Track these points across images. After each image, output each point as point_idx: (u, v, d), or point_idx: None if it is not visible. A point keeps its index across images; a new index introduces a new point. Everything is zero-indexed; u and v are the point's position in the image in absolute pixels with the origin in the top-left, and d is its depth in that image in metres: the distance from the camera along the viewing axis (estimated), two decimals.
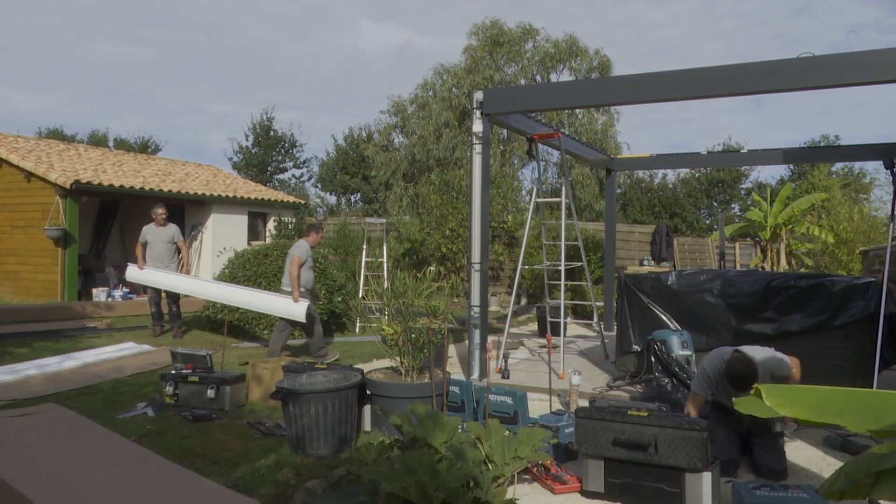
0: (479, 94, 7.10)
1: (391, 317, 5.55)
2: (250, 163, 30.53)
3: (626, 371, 7.02)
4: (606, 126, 24.86)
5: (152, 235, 9.97)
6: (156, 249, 9.92)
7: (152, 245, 9.92)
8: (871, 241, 17.28)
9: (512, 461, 3.84)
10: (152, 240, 9.94)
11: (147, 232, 9.97)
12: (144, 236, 9.94)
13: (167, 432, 5.20)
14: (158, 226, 10.04)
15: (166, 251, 10.05)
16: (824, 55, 5.67)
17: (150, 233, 9.98)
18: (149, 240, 9.90)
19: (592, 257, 13.90)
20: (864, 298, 5.88)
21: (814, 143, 30.00)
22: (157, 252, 9.92)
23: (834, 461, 4.72)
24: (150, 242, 9.90)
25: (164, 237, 10.06)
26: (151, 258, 9.85)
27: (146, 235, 9.95)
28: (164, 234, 10.07)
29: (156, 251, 9.92)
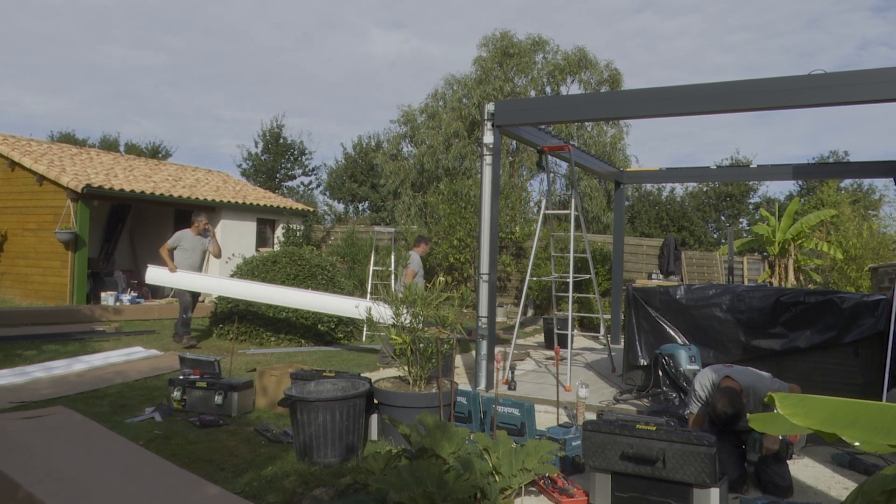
0: (490, 106, 7.14)
1: (399, 326, 5.56)
2: (259, 169, 30.68)
3: (633, 385, 7.01)
4: (615, 139, 24.91)
5: (189, 242, 9.73)
6: (192, 257, 9.67)
7: (189, 252, 9.66)
8: (880, 257, 17.22)
9: (519, 473, 3.84)
10: (189, 247, 9.69)
11: (183, 238, 9.72)
12: (178, 241, 9.66)
13: (175, 437, 5.22)
14: (197, 234, 9.83)
15: (201, 260, 9.87)
16: (835, 73, 5.68)
17: (187, 239, 9.73)
18: (185, 246, 9.65)
19: (600, 270, 13.90)
20: (874, 316, 5.86)
21: (822, 159, 29.95)
22: (192, 260, 9.67)
23: (842, 479, 4.70)
24: (187, 249, 9.65)
25: (201, 246, 9.87)
26: (185, 265, 9.58)
27: (182, 241, 9.68)
28: (201, 242, 9.88)
29: (192, 259, 9.67)
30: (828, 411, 1.59)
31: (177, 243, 9.65)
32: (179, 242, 9.67)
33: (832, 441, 1.66)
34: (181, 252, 9.62)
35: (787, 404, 1.62)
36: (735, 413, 4.30)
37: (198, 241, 9.83)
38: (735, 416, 4.31)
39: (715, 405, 4.41)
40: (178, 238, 9.72)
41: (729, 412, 4.31)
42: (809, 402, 1.63)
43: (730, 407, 4.31)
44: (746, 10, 55.24)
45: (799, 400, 1.65)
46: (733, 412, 4.30)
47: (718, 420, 4.41)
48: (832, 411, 1.60)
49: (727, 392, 4.39)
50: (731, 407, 4.31)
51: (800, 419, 1.57)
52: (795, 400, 1.65)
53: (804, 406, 1.61)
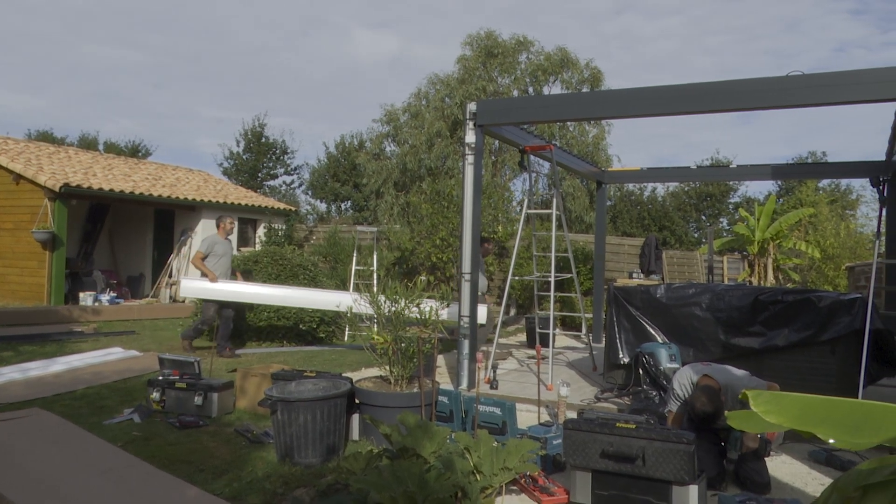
0: (472, 106, 7.14)
1: (381, 326, 5.55)
2: (241, 169, 30.47)
3: (614, 383, 7.05)
4: (598, 139, 25.02)
5: (222, 247, 9.10)
6: (225, 263, 9.08)
7: (222, 258, 9.03)
8: (857, 256, 17.46)
9: (500, 472, 3.85)
10: (222, 252, 9.07)
11: (216, 242, 9.05)
12: (212, 247, 8.98)
13: (153, 439, 5.17)
14: (225, 236, 9.25)
15: (230, 265, 9.31)
16: (814, 74, 5.74)
17: (219, 244, 9.08)
18: (217, 252, 9.00)
19: (582, 269, 13.95)
20: (851, 314, 5.93)
21: (801, 160, 30.29)
22: (225, 266, 9.10)
23: (819, 476, 4.76)
24: (220, 255, 9.01)
25: (230, 250, 9.32)
26: (220, 273, 8.96)
27: (215, 247, 9.00)
28: (230, 246, 9.33)
29: (226, 265, 9.09)
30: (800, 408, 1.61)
31: (210, 249, 8.99)
32: (213, 248, 9.01)
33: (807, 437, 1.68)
34: (214, 258, 8.97)
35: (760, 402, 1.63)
36: (714, 411, 4.35)
37: (227, 245, 9.27)
38: (714, 415, 4.35)
39: (694, 403, 4.45)
40: (210, 243, 9.05)
41: (708, 410, 4.35)
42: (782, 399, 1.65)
43: (708, 405, 4.35)
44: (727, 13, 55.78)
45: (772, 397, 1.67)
46: (712, 410, 4.34)
47: (697, 418, 4.45)
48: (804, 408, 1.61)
49: (706, 390, 4.43)
50: (709, 405, 4.35)
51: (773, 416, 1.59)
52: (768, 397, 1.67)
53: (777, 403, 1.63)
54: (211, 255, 8.92)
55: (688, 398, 4.66)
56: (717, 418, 4.37)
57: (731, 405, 4.53)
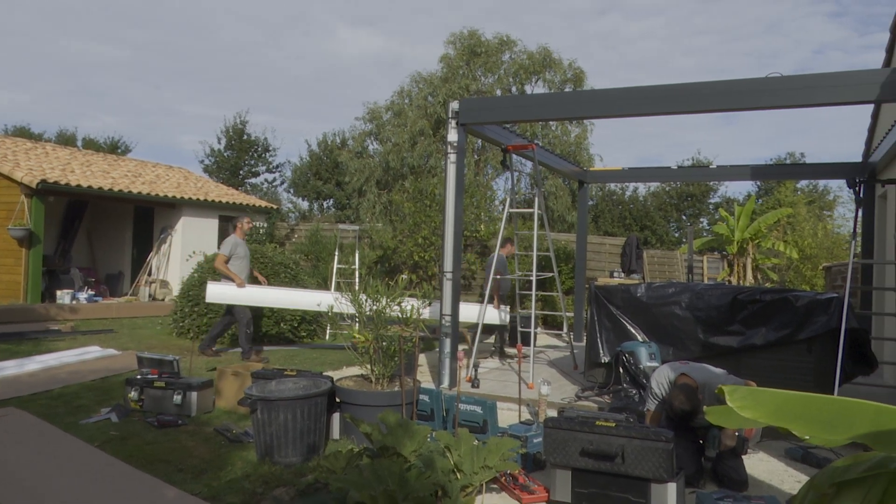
0: (454, 104, 7.14)
1: (362, 324, 5.54)
2: (222, 166, 30.23)
3: (594, 382, 7.08)
4: (580, 138, 25.15)
5: (243, 248, 8.82)
6: (245, 265, 8.82)
7: (243, 260, 8.78)
8: (834, 256, 17.69)
9: (481, 470, 3.85)
10: (243, 254, 8.81)
11: (238, 245, 8.75)
12: (235, 249, 8.68)
13: (131, 438, 5.12)
14: (243, 237, 8.95)
15: (250, 266, 9.05)
16: (792, 76, 5.81)
17: (241, 245, 8.80)
18: (239, 254, 8.74)
19: (563, 268, 14.02)
20: (827, 313, 6.01)
21: (780, 161, 30.62)
22: (247, 268, 8.85)
23: (795, 473, 4.82)
24: (241, 257, 8.75)
25: (248, 251, 9.06)
26: (243, 276, 8.68)
27: (237, 248, 8.73)
28: (247, 247, 9.05)
29: (245, 266, 8.82)
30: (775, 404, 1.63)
31: (233, 251, 8.68)
32: (235, 250, 8.70)
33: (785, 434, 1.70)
34: (237, 261, 8.67)
35: (736, 397, 1.65)
36: (691, 409, 4.39)
37: (246, 246, 8.99)
38: (691, 412, 4.39)
39: (672, 402, 4.49)
40: (233, 245, 8.72)
41: (686, 408, 4.39)
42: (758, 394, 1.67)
43: (686, 403, 4.39)
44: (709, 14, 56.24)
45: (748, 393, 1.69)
46: (690, 408, 4.38)
47: (675, 416, 4.49)
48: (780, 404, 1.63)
49: (684, 389, 4.47)
50: (687, 403, 4.39)
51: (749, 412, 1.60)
52: (744, 393, 1.69)
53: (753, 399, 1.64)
54: (234, 258, 8.68)
55: (666, 396, 4.69)
56: (695, 416, 4.41)
57: (709, 403, 4.57)
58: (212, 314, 10.01)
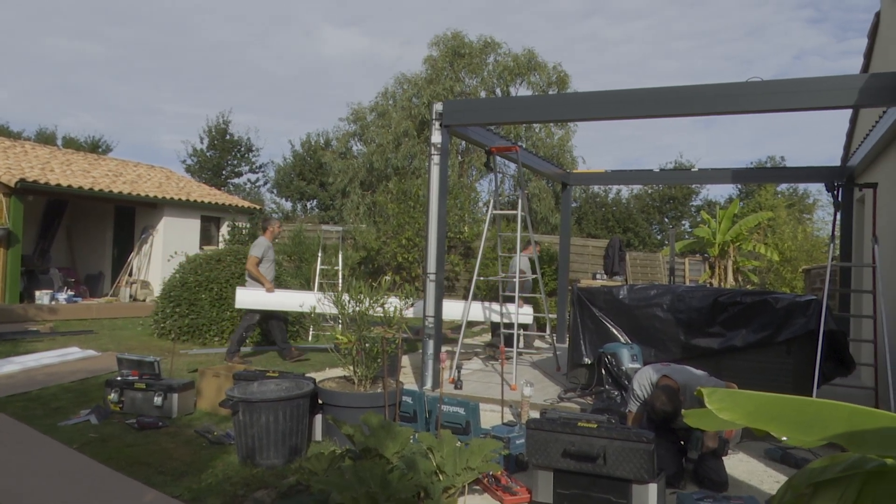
0: (438, 106, 7.15)
1: (345, 326, 5.53)
2: (205, 166, 30.05)
3: (577, 383, 7.12)
4: (563, 140, 25.26)
5: (272, 252, 8.70)
6: (273, 268, 8.72)
7: (271, 263, 8.66)
8: (813, 259, 17.90)
9: (463, 472, 3.86)
10: (272, 257, 8.69)
11: (269, 247, 8.62)
12: (265, 251, 8.54)
13: (111, 440, 5.07)
14: (273, 239, 8.82)
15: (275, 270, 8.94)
16: (772, 80, 5.88)
17: (271, 249, 8.68)
18: (269, 256, 8.60)
19: (547, 270, 14.07)
20: (806, 315, 6.08)
21: (761, 164, 30.96)
22: (273, 270, 8.72)
23: (775, 473, 4.87)
24: (270, 260, 8.62)
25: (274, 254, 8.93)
26: (271, 279, 8.59)
27: (268, 251, 8.59)
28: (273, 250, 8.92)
29: (272, 269, 8.71)
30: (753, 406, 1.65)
31: (264, 254, 8.54)
32: (266, 253, 8.57)
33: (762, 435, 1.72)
34: (266, 263, 8.55)
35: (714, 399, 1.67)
36: (673, 410, 4.42)
37: (273, 249, 8.88)
38: (673, 414, 4.43)
39: (654, 403, 4.52)
40: (264, 248, 8.58)
41: (667, 409, 4.43)
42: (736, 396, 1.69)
43: (668, 405, 4.43)
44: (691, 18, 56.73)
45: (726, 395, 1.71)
46: (671, 409, 4.42)
47: (657, 417, 4.52)
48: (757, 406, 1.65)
49: (666, 390, 4.51)
50: (669, 404, 4.43)
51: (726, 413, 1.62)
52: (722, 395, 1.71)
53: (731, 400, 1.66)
54: (265, 260, 8.57)
55: (647, 398, 4.73)
56: (676, 417, 4.45)
57: (690, 404, 4.61)
58: (193, 315, 9.94)
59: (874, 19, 8.27)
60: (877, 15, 8.22)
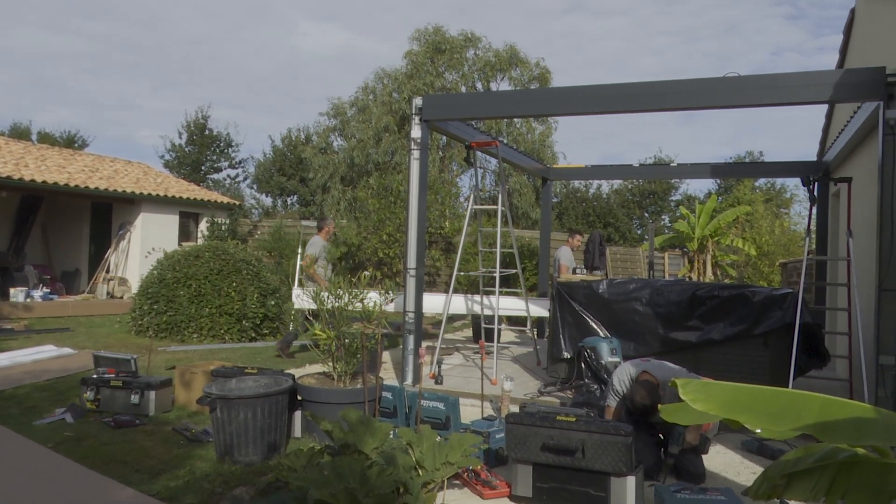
0: (418, 100, 7.12)
1: (325, 321, 5.50)
2: (183, 161, 29.72)
3: (557, 377, 7.14)
4: (544, 136, 25.32)
5: (326, 251, 8.61)
6: (328, 267, 8.65)
7: (326, 263, 8.62)
8: (790, 253, 18.11)
9: (442, 467, 3.85)
10: (326, 256, 8.64)
11: (324, 246, 8.54)
12: (321, 250, 8.50)
13: (87, 439, 5.01)
14: (328, 240, 8.72)
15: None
16: (749, 76, 5.92)
17: (325, 248, 8.59)
18: (324, 256, 8.55)
19: (528, 265, 14.11)
20: (782, 309, 6.15)
21: (739, 159, 31.21)
22: (328, 269, 8.65)
23: (751, 465, 4.92)
24: (324, 259, 8.58)
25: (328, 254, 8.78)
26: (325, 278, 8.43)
27: (324, 251, 8.52)
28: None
29: (328, 269, 8.65)
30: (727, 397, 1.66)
31: (319, 253, 8.50)
32: (320, 251, 8.54)
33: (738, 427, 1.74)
34: (322, 263, 8.57)
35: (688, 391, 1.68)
36: (651, 404, 4.46)
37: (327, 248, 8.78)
38: (652, 407, 4.46)
39: (633, 397, 4.56)
40: (321, 247, 8.57)
41: (647, 403, 4.47)
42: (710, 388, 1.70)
43: (647, 399, 4.46)
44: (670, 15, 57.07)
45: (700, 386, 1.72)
46: (650, 403, 4.46)
47: (637, 411, 4.56)
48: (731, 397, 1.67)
49: (645, 385, 4.54)
50: (648, 399, 4.46)
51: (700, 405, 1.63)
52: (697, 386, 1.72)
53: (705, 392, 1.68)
54: (320, 260, 8.55)
55: (627, 392, 4.76)
56: (655, 411, 4.48)
57: (669, 400, 4.65)
58: (171, 312, 9.85)
59: (849, 15, 8.37)
60: (852, 11, 8.31)
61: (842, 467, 1.81)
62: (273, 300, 10.60)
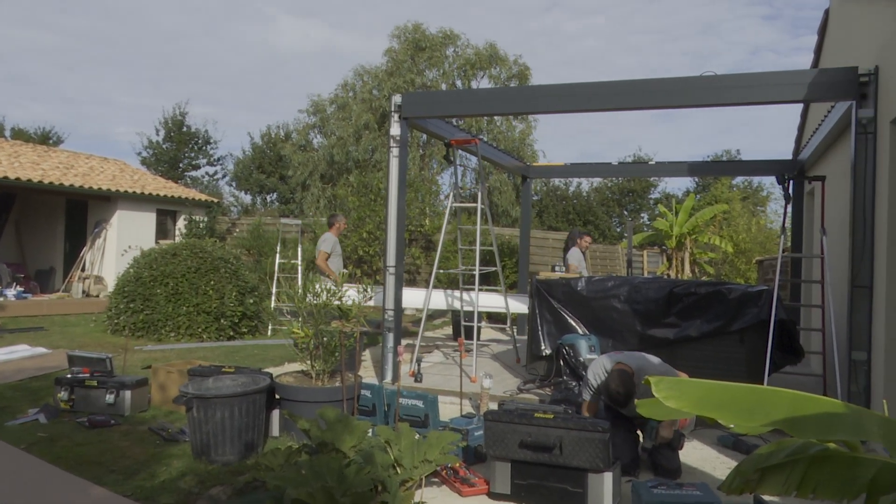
0: (397, 98, 7.10)
1: (303, 320, 5.47)
2: (161, 158, 29.38)
3: (536, 374, 7.17)
4: (524, 134, 25.39)
5: (338, 247, 8.69)
6: (340, 262, 8.69)
7: (338, 258, 8.66)
8: (766, 251, 18.33)
9: (421, 464, 3.85)
10: (339, 252, 8.71)
11: (336, 242, 8.65)
12: (333, 246, 8.56)
13: (61, 440, 4.94)
14: (338, 236, 8.77)
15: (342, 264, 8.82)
16: (725, 75, 5.98)
17: (337, 243, 8.70)
18: (337, 251, 8.62)
19: (508, 262, 14.14)
20: (758, 305, 6.21)
21: (717, 158, 31.52)
22: (340, 265, 8.71)
23: (727, 460, 4.97)
24: (338, 255, 8.64)
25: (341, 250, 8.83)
26: (337, 272, 8.56)
27: (336, 246, 8.60)
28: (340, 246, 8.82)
29: (340, 263, 8.70)
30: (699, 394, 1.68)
31: (333, 249, 8.65)
32: (334, 248, 8.68)
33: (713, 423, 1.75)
34: (334, 258, 8.65)
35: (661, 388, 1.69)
36: (626, 393, 4.48)
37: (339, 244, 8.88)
38: (626, 396, 4.49)
39: (608, 386, 4.58)
40: (333, 243, 8.71)
41: (621, 392, 4.49)
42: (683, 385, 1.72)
43: (622, 387, 4.49)
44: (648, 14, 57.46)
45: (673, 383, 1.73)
46: (625, 392, 4.48)
47: (612, 401, 4.58)
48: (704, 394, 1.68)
49: (620, 374, 4.57)
50: (622, 387, 4.49)
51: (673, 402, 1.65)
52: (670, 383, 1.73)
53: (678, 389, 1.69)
54: (332, 255, 8.64)
55: (601, 384, 4.78)
56: (630, 400, 4.51)
57: (646, 390, 4.67)
58: (148, 310, 9.74)
59: (824, 16, 8.47)
60: (826, 12, 8.41)
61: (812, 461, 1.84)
62: (251, 298, 10.52)
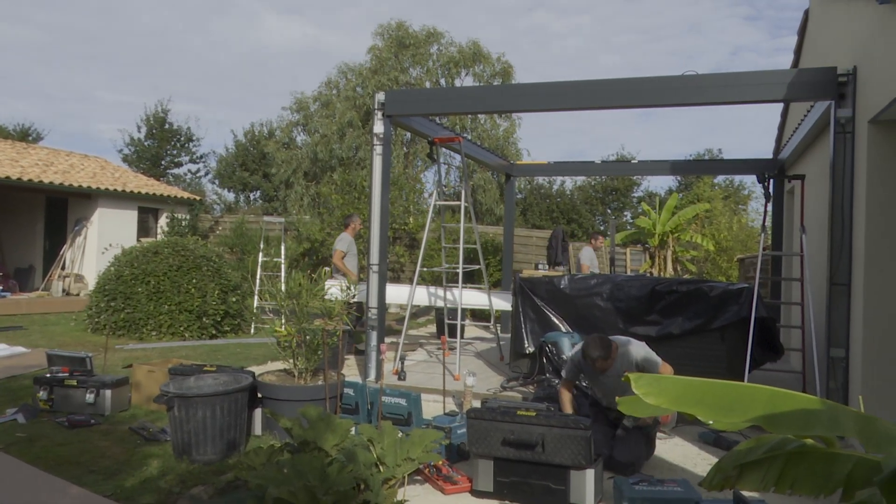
0: (380, 96, 7.08)
1: (286, 318, 5.44)
2: (142, 156, 29.10)
3: (519, 372, 7.18)
4: (508, 132, 25.41)
5: (354, 246, 8.69)
6: (356, 262, 8.66)
7: (354, 258, 8.63)
8: (747, 249, 18.52)
9: (404, 463, 3.84)
10: (355, 251, 8.70)
11: (351, 242, 8.65)
12: (349, 245, 8.59)
13: (40, 440, 4.88)
14: (354, 236, 8.77)
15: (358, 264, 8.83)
16: (706, 74, 6.02)
17: (353, 243, 8.70)
18: (353, 251, 8.62)
19: (491, 260, 14.16)
20: (738, 303, 6.27)
21: (699, 157, 31.75)
22: (357, 264, 8.68)
23: (708, 456, 5.02)
24: (354, 254, 8.63)
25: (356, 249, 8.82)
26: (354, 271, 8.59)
27: (351, 246, 8.63)
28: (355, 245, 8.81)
29: (356, 263, 8.67)
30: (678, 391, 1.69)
31: (350, 248, 8.68)
32: (350, 247, 8.71)
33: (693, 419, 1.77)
34: (350, 258, 8.65)
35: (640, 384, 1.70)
36: (603, 354, 4.54)
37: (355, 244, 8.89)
38: (603, 357, 4.55)
39: (585, 349, 4.62)
40: (349, 242, 8.73)
41: (599, 354, 4.55)
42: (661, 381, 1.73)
43: (599, 349, 4.54)
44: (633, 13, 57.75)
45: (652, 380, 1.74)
46: (601, 353, 4.54)
47: (590, 364, 4.62)
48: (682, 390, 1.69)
49: (597, 338, 4.62)
50: (599, 349, 4.53)
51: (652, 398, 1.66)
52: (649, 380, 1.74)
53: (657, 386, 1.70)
54: (348, 255, 8.66)
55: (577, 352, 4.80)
56: (607, 360, 4.54)
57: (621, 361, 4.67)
58: (129, 309, 9.66)
59: (803, 17, 8.55)
60: (806, 12, 8.50)
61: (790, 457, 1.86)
62: (234, 297, 10.46)
